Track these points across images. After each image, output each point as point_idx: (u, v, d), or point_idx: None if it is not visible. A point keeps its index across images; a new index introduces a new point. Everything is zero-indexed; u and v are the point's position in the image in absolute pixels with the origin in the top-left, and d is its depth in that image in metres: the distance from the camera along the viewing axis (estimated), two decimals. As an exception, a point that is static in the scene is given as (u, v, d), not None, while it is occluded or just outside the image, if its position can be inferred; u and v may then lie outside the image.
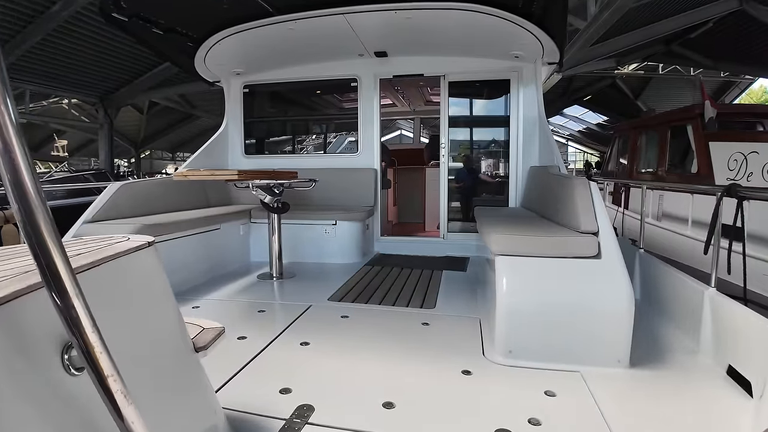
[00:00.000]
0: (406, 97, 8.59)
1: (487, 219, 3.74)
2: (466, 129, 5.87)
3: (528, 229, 3.04)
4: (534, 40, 4.42)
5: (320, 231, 5.07)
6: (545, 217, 3.75)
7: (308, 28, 4.41)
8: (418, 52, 5.31)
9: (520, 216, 4.12)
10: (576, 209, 2.85)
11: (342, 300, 3.71)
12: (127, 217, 4.10)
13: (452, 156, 5.77)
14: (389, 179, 7.76)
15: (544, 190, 4.04)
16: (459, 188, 5.84)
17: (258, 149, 6.21)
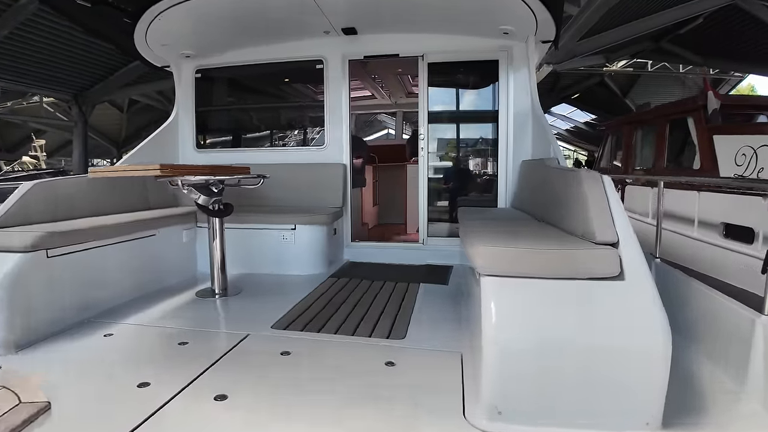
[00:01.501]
0: (385, 87, 7.87)
1: (471, 223, 3.03)
2: (448, 120, 5.15)
3: (524, 237, 2.33)
4: (526, 11, 3.72)
5: (277, 237, 4.31)
6: (544, 220, 3.05)
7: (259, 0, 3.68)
8: (392, 28, 4.59)
9: (513, 219, 3.42)
10: (587, 212, 2.14)
11: (289, 327, 2.96)
12: (36, 222, 3.34)
13: (439, 156, 5.07)
14: (365, 178, 7.03)
15: (542, 186, 3.33)
16: (445, 187, 5.14)
17: (212, 143, 5.45)
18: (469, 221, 3.34)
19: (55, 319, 2.98)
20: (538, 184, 3.46)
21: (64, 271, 3.07)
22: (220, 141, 5.60)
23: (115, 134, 29.06)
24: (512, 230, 2.67)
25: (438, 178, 5.06)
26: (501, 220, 3.36)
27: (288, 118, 5.77)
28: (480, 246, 2.04)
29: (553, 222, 2.80)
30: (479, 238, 2.19)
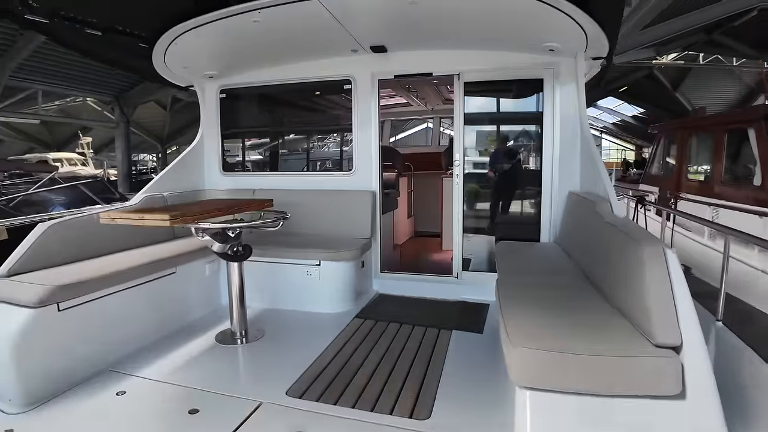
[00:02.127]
0: (420, 96, 7.50)
1: (509, 276, 2.71)
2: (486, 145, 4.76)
3: (567, 316, 2.03)
4: (575, 28, 3.28)
5: (301, 272, 4.08)
6: (591, 278, 2.68)
7: (279, 20, 3.41)
8: (424, 45, 4.22)
9: (556, 270, 3.05)
10: (645, 301, 1.79)
11: (305, 394, 2.72)
12: (53, 265, 3.24)
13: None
14: (398, 193, 6.74)
15: (592, 236, 2.95)
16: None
17: (237, 165, 5.27)
18: (507, 271, 3.01)
19: (69, 373, 2.88)
20: (588, 232, 3.06)
21: (77, 323, 2.96)
22: (246, 163, 5.43)
23: (159, 131, 29.96)
24: (554, 297, 2.33)
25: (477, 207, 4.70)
26: (542, 273, 3.01)
27: (315, 140, 5.52)
28: (517, 348, 1.72)
29: (603, 288, 2.44)
30: (515, 318, 1.87)
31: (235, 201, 3.77)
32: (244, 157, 5.46)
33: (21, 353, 2.63)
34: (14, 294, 2.80)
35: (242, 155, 5.47)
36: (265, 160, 5.51)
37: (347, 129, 4.74)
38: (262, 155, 5.53)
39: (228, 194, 4.91)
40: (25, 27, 3.14)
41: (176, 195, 4.64)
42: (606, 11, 3.11)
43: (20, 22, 3.00)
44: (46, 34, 3.33)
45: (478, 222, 4.73)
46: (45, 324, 2.76)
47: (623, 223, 2.57)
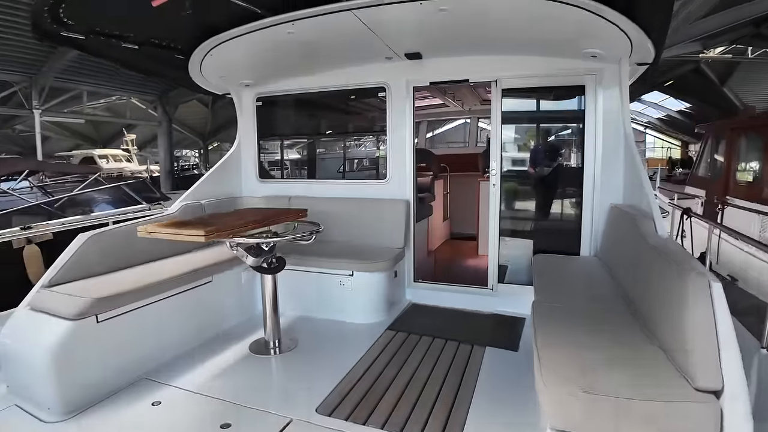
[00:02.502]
0: (457, 98, 7.36)
1: (546, 297, 2.63)
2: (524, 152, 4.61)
3: (606, 350, 2.01)
4: (619, 35, 3.11)
5: (335, 282, 4.08)
6: (629, 302, 2.57)
7: (313, 30, 3.40)
8: (461, 51, 4.12)
9: (596, 292, 2.92)
10: (686, 340, 1.70)
11: (334, 412, 2.70)
12: (92, 275, 3.35)
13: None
14: (432, 197, 6.64)
15: (632, 254, 2.83)
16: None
17: (274, 172, 5.31)
18: (544, 292, 2.90)
19: (106, 382, 2.97)
20: (629, 251, 2.92)
21: (115, 333, 3.04)
22: (281, 170, 5.47)
23: (201, 128, 30.81)
24: (592, 325, 2.25)
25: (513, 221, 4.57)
26: (581, 295, 2.89)
27: (350, 147, 5.50)
28: (550, 388, 1.64)
29: (643, 315, 2.34)
30: (549, 361, 1.79)
31: (271, 211, 3.79)
32: (282, 164, 5.50)
33: (60, 364, 2.71)
34: (55, 306, 2.90)
35: (280, 162, 5.50)
36: (300, 168, 5.53)
37: (381, 137, 4.68)
38: (297, 162, 5.55)
39: (264, 201, 4.96)
40: (59, 44, 3.21)
41: (214, 202, 4.72)
42: (653, 17, 2.93)
43: (55, 40, 3.08)
44: (80, 49, 3.42)
45: (516, 224, 4.59)
46: (83, 335, 2.84)
47: (667, 246, 2.42)
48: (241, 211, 3.78)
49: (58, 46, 3.12)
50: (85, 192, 8.06)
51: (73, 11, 2.81)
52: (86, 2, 2.73)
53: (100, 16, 3.02)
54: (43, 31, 2.89)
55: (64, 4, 2.69)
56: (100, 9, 2.91)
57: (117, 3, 2.85)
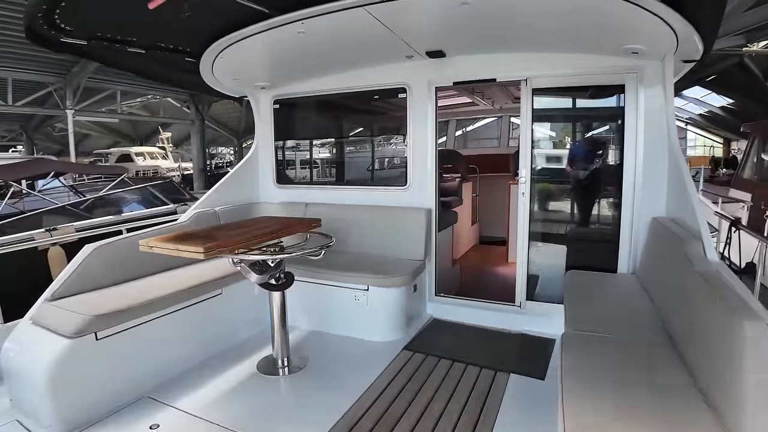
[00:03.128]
0: (487, 96, 7.00)
1: (575, 337, 2.31)
2: (557, 159, 4.25)
3: (639, 409, 1.76)
4: (663, 29, 2.73)
5: (349, 296, 3.84)
6: (670, 334, 2.26)
7: (324, 29, 3.16)
8: (487, 48, 3.79)
9: (633, 321, 2.59)
10: (736, 390, 1.50)
11: None
12: (97, 287, 3.24)
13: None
14: (460, 199, 6.33)
15: (675, 280, 2.51)
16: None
17: (292, 177, 5.12)
18: (576, 320, 2.59)
19: (106, 401, 2.86)
20: (672, 275, 2.58)
21: (116, 351, 2.92)
22: (300, 175, 5.28)
23: (235, 125, 31.21)
24: (627, 363, 2.05)
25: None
26: (616, 324, 2.56)
27: (369, 152, 5.25)
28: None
29: (685, 354, 2.10)
30: (575, 412, 1.54)
31: (282, 222, 3.58)
32: (310, 170, 5.30)
33: (57, 382, 2.63)
34: (54, 322, 2.82)
35: (296, 167, 5.31)
36: (318, 173, 5.33)
37: (401, 141, 4.41)
38: (315, 168, 5.36)
39: (281, 208, 4.77)
40: (59, 50, 3.09)
41: (229, 210, 4.57)
42: (702, 9, 2.55)
43: (55, 46, 2.95)
44: (83, 55, 3.29)
45: (548, 232, 4.26)
46: (82, 354, 2.75)
47: (718, 276, 2.07)
48: (251, 222, 3.58)
49: (57, 52, 3.02)
50: (113, 193, 8.12)
51: (69, 16, 2.67)
52: (81, 6, 2.57)
53: (98, 21, 2.87)
54: (38, 37, 2.76)
55: (59, 10, 2.55)
56: (97, 13, 2.75)
57: (113, 6, 2.68)
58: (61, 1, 2.45)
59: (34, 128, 23.84)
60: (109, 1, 2.61)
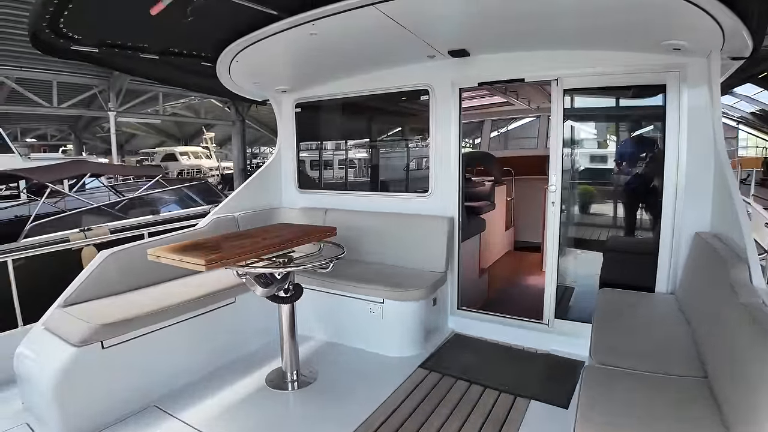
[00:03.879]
0: (522, 96, 6.67)
1: (598, 369, 2.09)
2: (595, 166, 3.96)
3: None
4: (708, 22, 2.42)
5: (364, 308, 3.69)
6: (707, 371, 2.03)
7: (336, 30, 3.02)
8: (514, 46, 3.54)
9: (664, 358, 2.31)
10: None
11: None
12: (112, 294, 3.24)
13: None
14: (493, 203, 6.06)
15: (715, 308, 2.22)
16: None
17: (313, 182, 5.02)
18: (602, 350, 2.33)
19: (113, 409, 2.85)
20: (713, 301, 2.29)
21: (123, 360, 2.90)
22: (318, 180, 5.17)
23: (276, 126, 31.79)
24: (653, 406, 1.85)
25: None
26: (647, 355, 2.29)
27: (390, 156, 5.08)
28: None
29: (722, 399, 1.83)
30: None
31: (295, 231, 3.46)
32: (321, 174, 5.21)
33: (63, 390, 2.64)
34: (62, 329, 2.84)
35: (319, 172, 5.21)
36: (339, 178, 5.21)
37: (424, 145, 4.21)
38: (336, 172, 5.25)
39: (301, 213, 4.68)
40: (68, 58, 3.08)
41: (249, 215, 4.52)
42: (752, 2, 2.24)
43: (64, 54, 2.93)
44: (96, 62, 3.28)
45: (586, 234, 4.02)
46: (88, 362, 2.74)
47: (765, 312, 1.77)
48: (265, 230, 3.48)
49: (67, 60, 3.03)
50: (150, 193, 8.32)
51: (75, 23, 2.64)
52: (86, 13, 2.52)
53: (105, 28, 2.84)
54: (45, 45, 2.75)
55: (63, 18, 2.52)
56: (102, 20, 2.71)
57: (116, 13, 2.63)
58: (65, 9, 2.41)
59: (83, 128, 25.14)
60: (112, 8, 2.56)
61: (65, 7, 2.40)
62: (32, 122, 25.32)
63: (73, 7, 2.42)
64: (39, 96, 15.17)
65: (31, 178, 7.61)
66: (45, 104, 15.64)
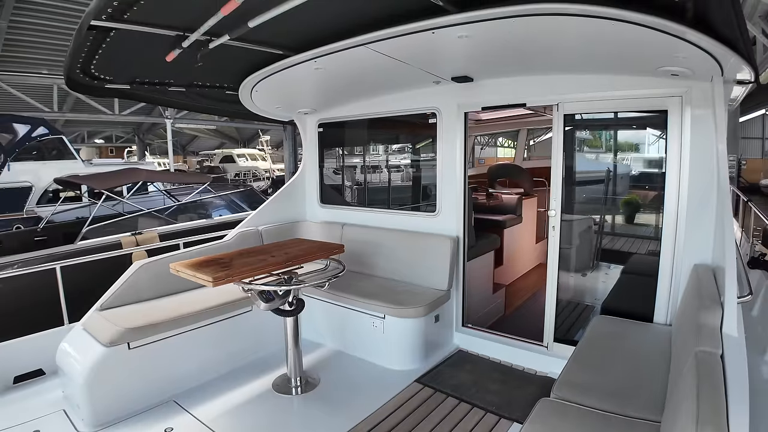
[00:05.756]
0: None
1: (552, 405, 2.16)
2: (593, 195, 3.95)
3: None
4: (698, 52, 2.41)
5: (367, 322, 3.90)
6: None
7: (338, 64, 3.26)
8: (515, 71, 3.62)
9: (625, 407, 2.33)
10: None
11: None
12: (143, 300, 3.67)
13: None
14: (519, 216, 6.09)
15: (681, 359, 2.20)
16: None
17: (333, 197, 5.28)
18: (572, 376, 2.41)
19: (134, 402, 3.23)
20: (688, 345, 2.26)
21: (146, 359, 3.29)
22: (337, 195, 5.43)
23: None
24: None
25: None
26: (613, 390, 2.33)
27: (402, 175, 5.27)
28: None
29: None
30: None
31: (305, 248, 3.70)
32: (343, 188, 5.47)
33: (93, 383, 3.04)
34: (96, 330, 3.25)
35: (342, 186, 5.47)
36: (354, 194, 5.46)
37: (432, 164, 4.35)
38: (351, 188, 5.49)
39: (320, 227, 4.99)
40: (104, 95, 3.51)
41: (273, 228, 4.85)
42: (727, 27, 2.20)
43: (98, 93, 3.36)
44: (129, 97, 3.69)
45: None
46: (115, 360, 3.14)
47: (714, 367, 1.76)
48: (278, 246, 3.77)
49: (102, 97, 3.42)
50: (198, 200, 8.95)
51: (104, 68, 3.04)
52: (113, 60, 2.90)
53: (132, 71, 3.22)
54: (80, 86, 3.17)
55: (94, 64, 2.91)
56: (129, 64, 3.09)
57: (139, 59, 3.00)
58: (94, 57, 2.80)
59: (146, 131, 27.09)
60: (135, 55, 2.93)
61: (94, 56, 2.79)
62: (98, 127, 27.58)
63: (101, 56, 2.80)
64: (101, 104, 16.56)
65: (89, 185, 8.41)
66: (107, 111, 17.00)
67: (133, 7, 2.22)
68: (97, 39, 2.57)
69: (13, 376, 3.62)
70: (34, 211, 10.22)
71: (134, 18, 2.35)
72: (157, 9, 2.33)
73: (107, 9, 2.20)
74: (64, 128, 20.27)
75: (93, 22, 2.31)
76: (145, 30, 2.49)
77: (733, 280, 2.20)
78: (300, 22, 2.55)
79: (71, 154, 11.62)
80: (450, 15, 2.42)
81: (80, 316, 3.57)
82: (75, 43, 2.59)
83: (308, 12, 2.25)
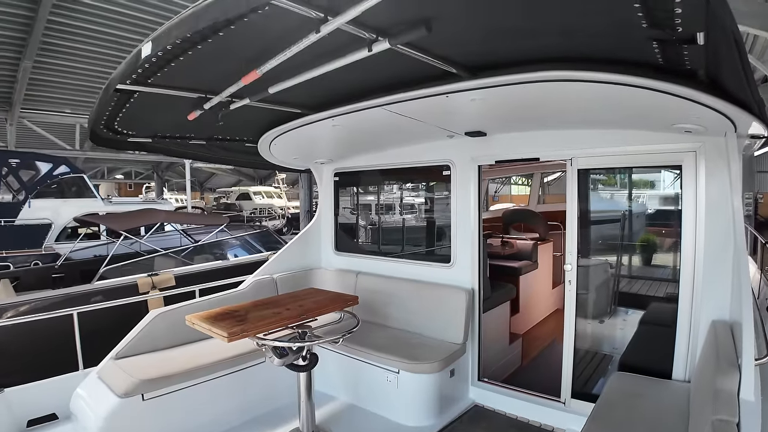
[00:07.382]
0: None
1: None
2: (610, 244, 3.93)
3: None
4: (710, 112, 2.43)
5: (381, 376, 3.84)
6: None
7: (355, 122, 3.36)
8: (528, 126, 3.68)
9: None
10: None
11: None
12: (159, 349, 3.68)
13: None
14: (535, 263, 6.04)
15: (703, 413, 2.12)
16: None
17: (349, 245, 5.32)
18: None
19: None
20: (704, 407, 2.19)
21: (160, 411, 3.28)
22: (354, 238, 5.47)
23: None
24: None
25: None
26: None
27: (417, 225, 5.31)
28: None
29: None
30: None
31: (318, 301, 3.69)
32: (357, 227, 5.50)
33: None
34: (111, 379, 3.26)
35: (350, 235, 5.51)
36: (370, 243, 5.49)
37: (446, 204, 4.39)
38: (367, 237, 5.53)
39: (334, 275, 5.00)
40: (126, 149, 3.66)
41: (288, 276, 4.87)
42: (740, 90, 2.22)
43: (122, 146, 3.50)
44: (152, 150, 3.83)
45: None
46: (129, 411, 3.13)
47: None
48: (293, 297, 3.77)
49: (125, 150, 3.59)
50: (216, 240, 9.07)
51: (128, 125, 3.18)
52: (136, 118, 3.03)
53: (154, 127, 3.37)
54: (104, 141, 3.32)
55: (117, 121, 3.05)
56: (151, 121, 3.23)
57: (162, 116, 3.14)
58: (117, 115, 2.92)
59: (165, 168, 27.80)
60: (158, 113, 3.06)
61: (118, 114, 2.92)
62: (118, 163, 28.40)
63: (125, 114, 2.93)
64: (122, 144, 17.24)
65: (107, 226, 8.60)
66: (128, 151, 17.61)
67: (157, 73, 2.34)
68: (121, 100, 2.70)
69: (27, 420, 3.63)
70: (53, 247, 10.44)
71: (158, 82, 2.47)
72: (180, 75, 2.45)
73: (132, 75, 2.32)
74: (85, 164, 20.89)
75: (119, 86, 2.43)
76: (168, 93, 2.62)
77: (751, 342, 2.17)
78: (319, 87, 2.65)
79: (91, 192, 11.94)
80: (463, 81, 2.51)
81: (94, 360, 3.59)
82: (100, 103, 2.72)
83: (326, 78, 2.35)
